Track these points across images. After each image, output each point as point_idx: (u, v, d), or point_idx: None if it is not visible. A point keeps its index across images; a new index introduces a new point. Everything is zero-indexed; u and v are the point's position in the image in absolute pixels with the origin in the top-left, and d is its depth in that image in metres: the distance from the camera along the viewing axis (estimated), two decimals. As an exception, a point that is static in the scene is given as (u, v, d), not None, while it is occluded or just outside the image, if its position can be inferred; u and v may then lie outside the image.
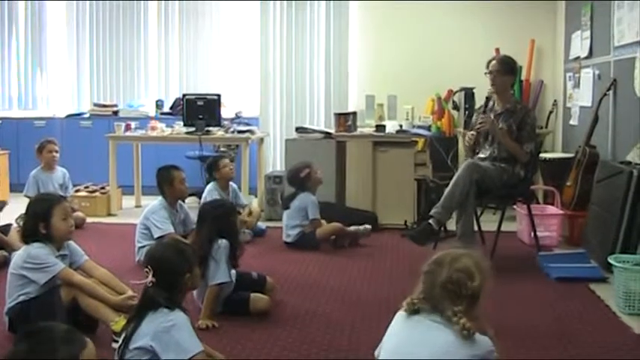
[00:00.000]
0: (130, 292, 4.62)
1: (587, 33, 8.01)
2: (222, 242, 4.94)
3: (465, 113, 9.11)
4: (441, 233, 6.55)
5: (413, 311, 2.99)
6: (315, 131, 8.93)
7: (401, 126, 8.66)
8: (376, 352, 3.13)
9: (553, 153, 8.94)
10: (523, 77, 9.69)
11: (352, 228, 7.38)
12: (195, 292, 4.85)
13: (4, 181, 9.93)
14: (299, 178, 7.40)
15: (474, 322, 2.89)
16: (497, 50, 8.76)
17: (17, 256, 4.70)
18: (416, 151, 8.52)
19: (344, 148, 8.44)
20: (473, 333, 2.85)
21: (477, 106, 7.61)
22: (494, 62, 6.65)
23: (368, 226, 7.48)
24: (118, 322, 4.25)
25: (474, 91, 9.02)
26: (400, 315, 3.08)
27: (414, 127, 8.86)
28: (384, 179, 8.25)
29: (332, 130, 8.79)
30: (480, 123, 6.60)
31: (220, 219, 5.05)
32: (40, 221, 4.65)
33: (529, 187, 6.97)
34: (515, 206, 7.50)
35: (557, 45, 9.70)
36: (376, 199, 8.27)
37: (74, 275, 4.66)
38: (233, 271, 5.07)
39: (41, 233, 4.64)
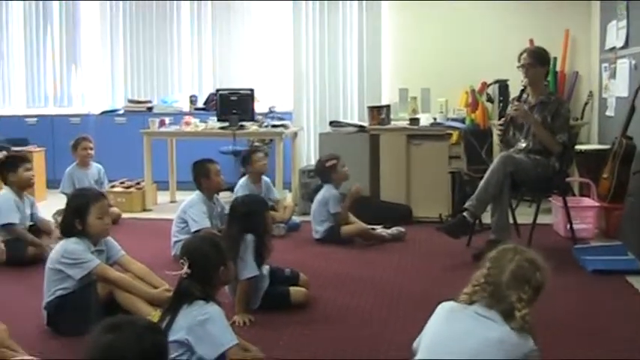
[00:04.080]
0: (166, 286, 4.65)
1: (624, 22, 7.91)
2: (248, 237, 4.95)
3: (499, 105, 9.07)
4: (475, 226, 6.52)
5: (471, 301, 2.95)
6: (348, 125, 8.92)
7: (435, 119, 8.62)
8: (414, 344, 3.11)
9: (589, 145, 8.86)
10: (558, 69, 9.61)
11: (380, 230, 7.31)
12: (227, 288, 4.86)
13: (40, 177, 9.99)
14: (324, 168, 7.38)
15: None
16: (532, 41, 8.69)
17: (54, 251, 4.75)
18: (450, 144, 8.47)
19: (378, 141, 8.41)
20: (528, 328, 2.83)
21: (512, 97, 7.55)
22: (524, 55, 6.59)
23: (401, 229, 7.37)
24: (154, 315, 4.27)
25: (508, 83, 8.97)
26: (443, 307, 3.05)
27: (447, 119, 8.81)
28: (418, 172, 8.21)
29: (366, 124, 8.77)
30: (513, 109, 6.56)
31: (249, 215, 5.04)
32: (77, 217, 4.70)
33: (564, 179, 6.92)
34: (550, 199, 7.45)
35: (592, 35, 9.60)
36: (410, 192, 8.24)
37: (110, 271, 4.70)
38: (266, 267, 5.08)
39: (77, 229, 4.69)
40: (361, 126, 8.78)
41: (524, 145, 6.54)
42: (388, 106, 8.86)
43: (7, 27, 12.37)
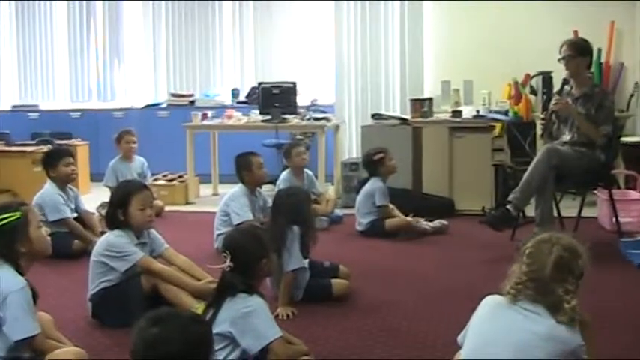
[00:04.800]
0: (209, 278, 4.66)
1: (670, 13, 7.82)
2: (294, 229, 4.95)
3: (542, 97, 8.98)
4: (519, 219, 6.47)
5: (516, 299, 2.91)
6: (391, 117, 8.90)
7: (477, 111, 8.57)
8: (459, 338, 3.08)
9: (634, 137, 8.75)
10: (602, 60, 9.50)
11: (423, 223, 7.26)
12: (269, 281, 4.86)
13: (84, 171, 10.09)
14: (372, 161, 7.36)
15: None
16: (576, 32, 8.58)
17: (98, 244, 4.80)
18: (493, 137, 8.40)
19: (420, 134, 8.40)
20: (580, 320, 2.80)
21: (555, 90, 7.48)
22: (564, 47, 6.52)
23: (444, 223, 7.34)
24: (198, 307, 4.28)
25: (552, 74, 8.86)
26: (488, 301, 3.02)
27: (490, 112, 8.74)
28: (460, 165, 8.18)
29: (408, 116, 8.74)
30: (554, 104, 6.50)
31: (294, 207, 5.04)
32: (119, 208, 4.74)
33: (610, 171, 6.84)
34: (595, 191, 7.37)
35: (637, 26, 9.48)
36: (453, 185, 8.20)
37: (153, 263, 4.73)
38: (305, 260, 5.07)
39: (120, 220, 4.73)
40: (403, 119, 8.75)
41: (568, 137, 6.48)
42: (430, 99, 8.83)
43: (52, 22, 12.51)
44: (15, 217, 3.57)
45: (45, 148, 8.43)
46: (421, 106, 8.61)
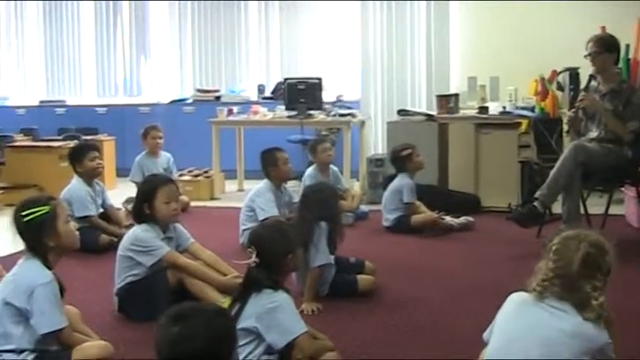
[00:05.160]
0: (235, 273, 4.67)
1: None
2: (322, 224, 4.94)
3: (569, 94, 8.92)
4: (545, 216, 6.43)
5: (542, 296, 2.88)
6: (416, 113, 8.89)
7: (504, 107, 8.54)
8: (485, 335, 3.06)
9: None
10: (631, 56, 9.42)
11: (449, 219, 7.24)
12: (295, 276, 4.86)
13: (110, 166, 10.14)
14: (400, 157, 7.34)
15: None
16: (603, 28, 8.50)
17: (125, 239, 4.82)
18: (519, 133, 8.36)
19: (446, 130, 8.37)
20: (605, 318, 2.78)
21: (582, 86, 7.43)
22: (591, 43, 6.47)
23: (470, 219, 7.32)
24: (224, 302, 4.29)
25: (579, 71, 8.81)
26: (514, 298, 3.00)
27: (517, 108, 8.71)
28: (486, 161, 8.14)
29: (434, 113, 8.73)
30: (580, 100, 6.46)
31: (321, 202, 5.03)
32: (145, 202, 4.76)
33: (637, 168, 6.78)
34: (622, 189, 7.31)
35: (666, 22, 9.40)
36: (479, 181, 8.17)
37: (179, 258, 4.75)
38: (332, 256, 5.05)
39: (146, 214, 4.74)
40: (429, 115, 8.73)
41: (595, 134, 6.43)
42: (457, 95, 8.82)
43: (79, 19, 12.58)
44: (43, 211, 3.59)
45: (71, 144, 8.46)
46: (447, 102, 8.61)
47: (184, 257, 4.82)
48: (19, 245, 3.71)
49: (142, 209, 4.78)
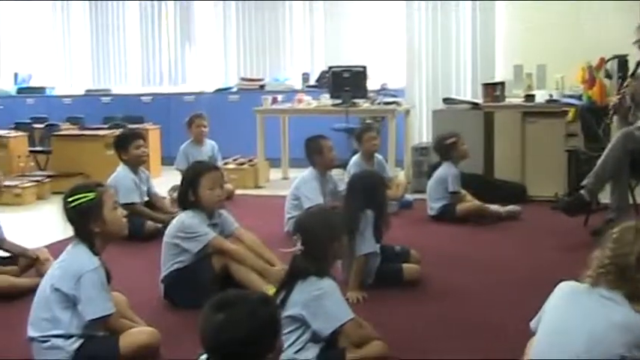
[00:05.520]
0: (278, 266, 4.68)
1: None
2: (368, 213, 4.92)
3: (617, 82, 8.80)
4: (592, 205, 6.36)
5: (596, 284, 2.84)
6: (462, 102, 8.83)
7: (551, 95, 8.44)
8: (532, 324, 3.03)
9: None
10: (680, 43, 9.27)
11: (495, 207, 7.18)
12: (340, 264, 4.84)
13: (155, 154, 10.21)
14: (444, 146, 7.28)
15: None
16: (653, 15, 8.40)
17: (171, 226, 4.84)
18: (566, 122, 8.25)
19: (492, 118, 8.30)
20: None
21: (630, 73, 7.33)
22: (639, 30, 6.38)
23: (516, 208, 7.24)
24: (269, 289, 4.30)
25: (627, 58, 8.69)
26: (562, 287, 2.96)
27: (564, 96, 8.61)
28: (533, 150, 8.07)
29: (479, 101, 8.66)
30: (625, 86, 6.37)
31: (368, 191, 5.01)
32: (189, 188, 4.77)
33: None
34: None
35: None
36: (525, 170, 8.10)
37: (225, 243, 4.76)
38: (377, 245, 5.03)
39: (191, 200, 4.76)
40: (475, 103, 8.67)
41: (644, 121, 6.35)
42: (503, 83, 8.73)
43: (124, 7, 12.64)
44: (89, 198, 3.61)
45: (117, 132, 8.51)
46: (493, 90, 8.53)
47: (230, 243, 4.83)
48: (68, 232, 3.75)
49: (187, 196, 4.81)
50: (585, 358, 2.69)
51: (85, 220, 3.61)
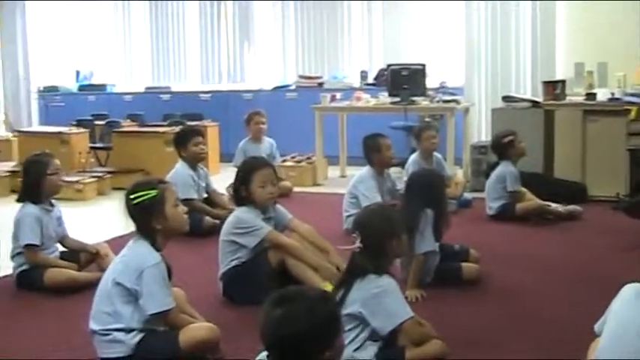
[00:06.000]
0: (334, 255, 4.72)
1: None
2: (427, 211, 4.89)
3: (681, 79, 8.67)
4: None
5: None
6: (522, 100, 8.74)
7: (612, 94, 8.33)
8: (597, 327, 2.98)
9: None
10: None
11: (555, 206, 7.09)
12: (399, 263, 4.83)
13: (214, 152, 10.27)
14: (501, 144, 7.21)
15: None
16: None
17: (227, 223, 4.87)
18: (628, 120, 8.14)
19: (552, 117, 8.22)
20: None
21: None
22: None
23: (577, 208, 7.13)
24: (325, 286, 4.31)
25: (692, 55, 8.57)
26: (630, 289, 2.91)
27: (626, 95, 8.48)
28: (594, 149, 7.97)
29: (540, 99, 8.57)
30: None
31: (428, 189, 5.00)
32: (242, 184, 4.80)
33: None
34: None
35: None
36: (586, 169, 8.00)
37: (280, 237, 4.78)
38: (436, 244, 5.01)
39: (242, 196, 4.78)
40: (535, 101, 8.58)
41: None
42: (563, 81, 8.63)
43: (183, 7, 12.74)
44: (151, 195, 3.65)
45: (176, 129, 8.57)
46: (554, 88, 8.44)
47: (285, 236, 4.84)
48: (128, 227, 3.79)
49: (240, 191, 4.82)
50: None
51: (146, 217, 3.64)
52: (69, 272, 5.15)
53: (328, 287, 4.29)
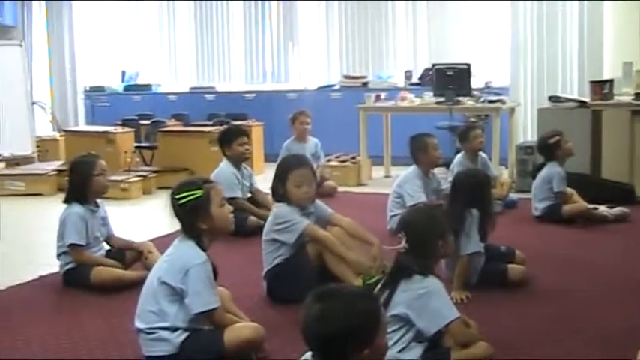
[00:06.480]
0: (376, 245, 4.68)
1: None
2: (473, 212, 4.86)
3: None
4: None
5: None
6: (568, 100, 8.66)
7: (661, 94, 8.23)
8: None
9: None
10: None
11: (602, 210, 6.99)
12: (444, 263, 4.80)
13: (258, 151, 10.30)
14: (547, 145, 7.12)
15: None
16: None
17: (267, 223, 4.89)
18: (679, 120, 8.06)
19: (599, 117, 8.13)
20: None
21: None
22: None
23: (625, 210, 7.02)
24: (358, 282, 4.31)
25: None
26: None
27: (676, 94, 8.38)
28: (642, 150, 7.89)
29: (587, 99, 8.48)
30: None
31: (474, 190, 4.95)
32: (279, 182, 4.82)
33: None
34: None
35: None
36: (633, 170, 7.91)
37: (317, 230, 4.77)
38: (482, 244, 4.96)
39: (280, 194, 4.80)
40: (582, 101, 8.49)
41: None
42: (611, 81, 8.54)
43: (228, 7, 12.78)
44: (196, 195, 3.65)
45: (221, 129, 8.60)
46: (601, 88, 8.36)
47: (322, 230, 4.81)
48: (174, 226, 3.80)
49: (277, 189, 4.84)
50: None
51: (192, 217, 3.65)
52: (115, 271, 5.19)
53: (359, 282, 4.30)
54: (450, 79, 9.16)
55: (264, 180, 7.77)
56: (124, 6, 13.61)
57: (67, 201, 5.30)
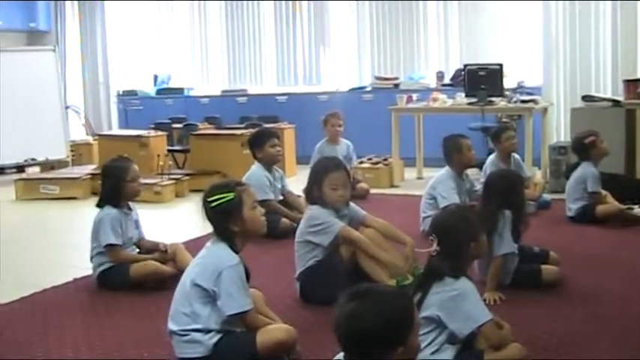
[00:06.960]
0: (409, 246, 4.69)
1: None
2: (506, 212, 4.84)
3: None
4: None
5: None
6: (602, 99, 8.60)
7: (696, 92, 8.16)
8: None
9: None
10: None
11: (637, 210, 6.91)
12: (477, 264, 4.78)
13: (290, 153, 10.32)
14: (582, 145, 7.07)
15: None
16: None
17: (301, 224, 4.91)
18: None
19: (634, 116, 8.08)
20: None
21: None
22: None
23: None
24: (392, 282, 4.31)
25: None
26: None
27: None
28: (677, 149, 7.82)
29: (621, 98, 8.42)
30: None
31: (507, 190, 4.93)
32: (314, 184, 4.83)
33: None
34: None
35: None
36: (669, 170, 7.85)
37: (352, 232, 4.77)
38: (515, 245, 4.93)
39: (315, 196, 4.80)
40: (616, 100, 8.43)
41: None
42: (645, 79, 8.47)
43: (259, 9, 12.82)
44: (228, 198, 3.67)
45: (253, 131, 8.63)
46: (635, 87, 8.31)
47: (356, 232, 4.81)
48: (206, 229, 3.81)
49: (312, 191, 4.84)
50: None
51: (224, 220, 3.66)
52: (155, 264, 5.20)
53: (392, 284, 4.30)
54: (482, 80, 9.12)
55: (296, 182, 7.80)
56: (156, 8, 13.72)
57: (99, 205, 5.34)
